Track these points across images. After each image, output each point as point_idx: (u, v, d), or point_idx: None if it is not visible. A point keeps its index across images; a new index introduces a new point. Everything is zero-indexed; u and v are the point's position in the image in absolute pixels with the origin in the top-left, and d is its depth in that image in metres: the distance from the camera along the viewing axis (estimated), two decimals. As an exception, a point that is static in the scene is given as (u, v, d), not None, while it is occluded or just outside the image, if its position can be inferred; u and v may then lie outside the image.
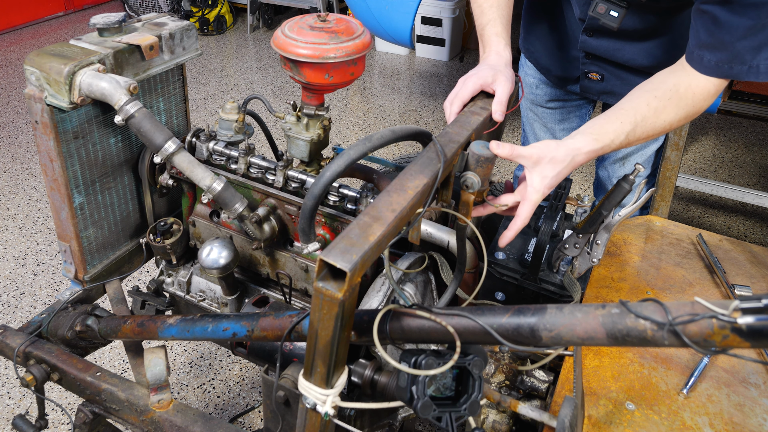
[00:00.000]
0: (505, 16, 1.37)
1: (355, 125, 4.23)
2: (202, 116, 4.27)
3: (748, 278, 1.42)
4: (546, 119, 1.91)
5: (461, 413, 0.87)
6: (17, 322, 2.50)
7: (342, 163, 0.92)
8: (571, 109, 1.87)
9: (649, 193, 1.37)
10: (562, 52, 1.69)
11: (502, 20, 1.36)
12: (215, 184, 1.30)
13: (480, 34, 1.38)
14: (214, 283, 1.58)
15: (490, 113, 1.21)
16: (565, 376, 1.16)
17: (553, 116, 1.90)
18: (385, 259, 0.99)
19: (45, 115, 1.29)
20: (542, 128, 1.94)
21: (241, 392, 2.25)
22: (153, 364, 1.29)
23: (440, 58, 5.40)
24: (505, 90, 1.22)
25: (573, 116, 1.89)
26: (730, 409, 1.10)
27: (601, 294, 1.37)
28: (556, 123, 1.91)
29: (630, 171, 1.28)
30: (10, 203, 3.30)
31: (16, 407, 2.15)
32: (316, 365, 0.81)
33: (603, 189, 1.94)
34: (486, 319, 0.80)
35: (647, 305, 0.69)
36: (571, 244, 1.34)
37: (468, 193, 1.08)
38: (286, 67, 1.41)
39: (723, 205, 3.47)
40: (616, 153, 1.82)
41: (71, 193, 1.40)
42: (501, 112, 1.21)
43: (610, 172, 1.89)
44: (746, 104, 2.64)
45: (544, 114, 1.91)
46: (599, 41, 1.55)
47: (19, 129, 4.04)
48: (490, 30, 1.35)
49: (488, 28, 1.35)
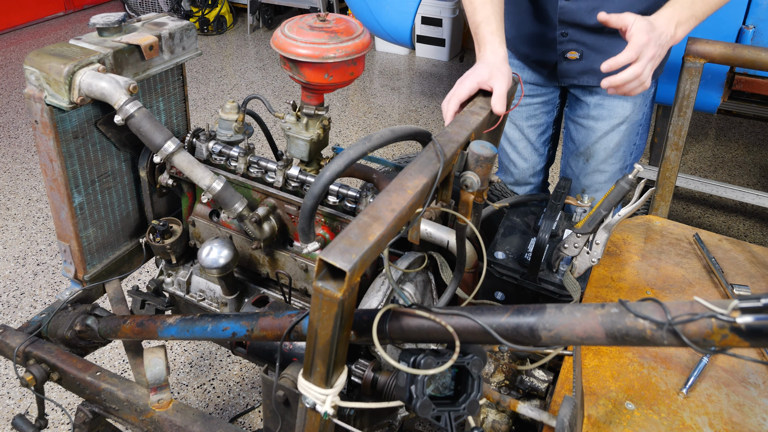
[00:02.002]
0: (498, 13, 1.38)
1: (355, 125, 4.23)
2: (202, 116, 4.27)
3: (748, 278, 1.42)
4: (514, 116, 1.93)
5: (460, 413, 0.87)
6: (17, 322, 2.50)
7: (342, 162, 0.92)
8: (537, 105, 1.90)
9: (649, 193, 1.37)
10: (540, 36, 1.70)
11: (496, 17, 1.37)
12: (215, 183, 1.30)
13: (474, 32, 1.39)
14: (214, 283, 1.58)
15: (490, 112, 1.21)
16: (565, 376, 1.16)
17: (521, 113, 1.91)
18: (385, 258, 0.99)
19: (45, 115, 1.29)
20: (510, 125, 1.96)
21: (241, 392, 2.25)
22: (153, 364, 1.29)
23: (440, 58, 5.40)
24: (502, 85, 1.24)
25: (540, 113, 1.91)
26: (730, 409, 1.10)
27: (600, 294, 1.37)
28: (523, 120, 1.93)
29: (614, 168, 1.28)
30: (10, 203, 3.30)
31: (16, 407, 2.15)
32: (316, 365, 0.81)
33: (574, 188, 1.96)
34: (485, 319, 0.80)
35: (646, 305, 0.69)
36: (571, 244, 1.34)
37: (467, 192, 1.08)
38: (286, 66, 1.41)
39: (723, 205, 3.47)
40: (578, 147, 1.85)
41: (71, 193, 1.40)
42: (501, 104, 1.23)
43: (575, 169, 1.91)
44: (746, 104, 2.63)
45: (512, 111, 1.93)
46: (578, 3, 1.56)
47: (19, 129, 4.04)
48: (485, 28, 1.35)
49: (483, 27, 1.36)
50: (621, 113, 1.74)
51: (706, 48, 1.55)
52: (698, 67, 1.58)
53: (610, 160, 1.82)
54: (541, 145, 1.98)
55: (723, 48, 1.54)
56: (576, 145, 1.87)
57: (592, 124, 1.79)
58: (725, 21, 2.36)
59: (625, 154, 1.83)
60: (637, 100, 1.74)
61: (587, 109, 1.79)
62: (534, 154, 1.98)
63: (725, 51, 1.54)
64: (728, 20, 2.35)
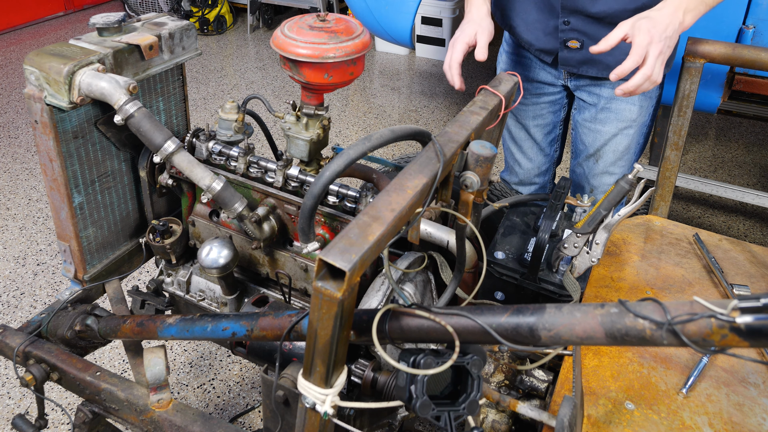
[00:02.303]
0: None
1: (355, 125, 4.23)
2: (202, 116, 4.27)
3: (748, 278, 1.42)
4: (520, 116, 1.93)
5: (460, 413, 0.87)
6: (17, 322, 2.50)
7: (341, 162, 0.92)
8: (543, 105, 1.89)
9: (649, 193, 1.37)
10: (543, 24, 1.71)
11: None
12: (215, 183, 1.30)
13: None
14: (214, 283, 1.58)
15: (490, 112, 1.21)
16: (565, 376, 1.16)
17: (527, 112, 1.91)
18: (385, 258, 0.99)
19: (44, 115, 1.29)
20: (516, 124, 1.96)
21: (241, 392, 2.25)
22: (152, 364, 1.29)
23: (440, 58, 5.40)
24: (483, 38, 1.50)
25: (546, 112, 1.91)
26: (730, 409, 1.10)
27: (600, 293, 1.37)
28: (529, 119, 1.93)
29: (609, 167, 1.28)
30: (10, 203, 3.30)
31: (16, 407, 2.15)
32: (316, 365, 0.81)
33: (579, 187, 1.96)
34: (485, 319, 0.80)
35: (646, 305, 0.69)
36: (571, 244, 1.34)
37: (467, 192, 1.08)
38: (286, 66, 1.41)
39: (723, 205, 3.47)
40: (588, 149, 1.85)
41: (71, 193, 1.40)
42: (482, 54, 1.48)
43: (585, 169, 1.91)
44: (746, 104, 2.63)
45: (518, 110, 1.93)
46: None
47: (19, 129, 4.04)
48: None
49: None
50: (628, 116, 1.74)
51: (706, 48, 1.55)
52: (698, 67, 1.58)
53: (620, 163, 1.83)
54: (547, 145, 1.97)
55: (723, 48, 1.54)
56: (585, 147, 1.86)
57: (599, 127, 1.79)
58: (725, 21, 2.36)
59: (634, 156, 1.84)
60: (644, 103, 1.74)
61: (594, 112, 1.79)
62: (539, 154, 1.98)
63: (725, 51, 1.54)
64: (728, 20, 2.35)
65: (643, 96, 1.73)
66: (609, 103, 1.74)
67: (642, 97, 1.73)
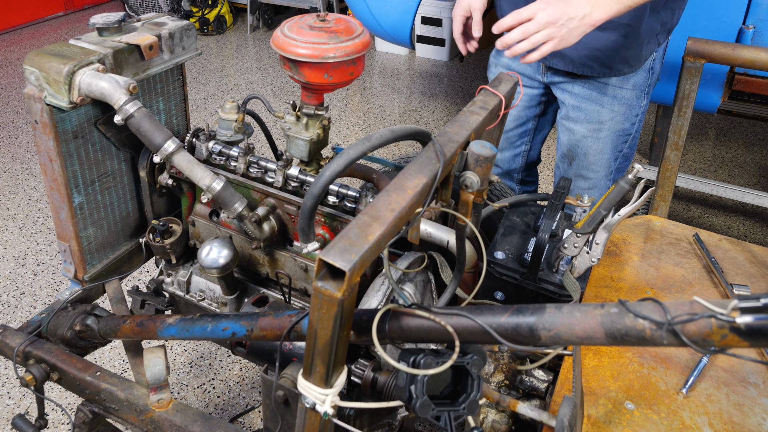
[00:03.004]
0: None
1: (355, 125, 4.23)
2: (202, 116, 4.27)
3: (748, 278, 1.42)
4: None
5: (460, 413, 0.87)
6: (17, 322, 2.50)
7: (341, 162, 0.92)
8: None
9: (649, 193, 1.37)
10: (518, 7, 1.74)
11: None
12: (215, 183, 1.30)
13: None
14: (214, 283, 1.58)
15: (490, 111, 1.21)
16: (565, 376, 1.16)
17: None
18: (385, 258, 0.99)
19: (44, 115, 1.29)
20: None
21: (241, 392, 2.25)
22: (152, 364, 1.29)
23: (440, 58, 5.40)
24: (477, 14, 1.57)
25: (520, 104, 1.95)
26: (730, 409, 1.10)
27: (600, 293, 1.37)
28: None
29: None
30: (10, 203, 3.30)
31: (16, 407, 2.15)
32: (316, 365, 0.81)
33: None
34: (485, 319, 0.80)
35: (646, 305, 0.69)
36: (571, 244, 1.34)
37: (467, 192, 1.08)
38: (286, 66, 1.41)
39: (723, 205, 3.47)
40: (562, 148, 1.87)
41: (71, 193, 1.40)
42: (478, 30, 1.57)
43: (561, 170, 1.93)
44: (746, 104, 2.63)
45: None
46: None
47: (19, 129, 4.04)
48: None
49: None
50: (596, 118, 1.77)
51: (706, 48, 1.55)
52: (698, 67, 1.58)
53: (593, 167, 1.84)
54: (516, 137, 1.99)
55: (723, 48, 1.55)
56: (561, 146, 1.91)
57: (572, 126, 1.83)
58: (725, 21, 2.36)
59: (609, 161, 1.84)
60: (615, 107, 1.75)
61: (566, 110, 1.83)
62: (504, 142, 2.01)
63: (725, 51, 1.54)
64: (728, 20, 2.35)
65: (615, 100, 1.74)
66: (580, 102, 1.78)
67: (613, 100, 1.74)
